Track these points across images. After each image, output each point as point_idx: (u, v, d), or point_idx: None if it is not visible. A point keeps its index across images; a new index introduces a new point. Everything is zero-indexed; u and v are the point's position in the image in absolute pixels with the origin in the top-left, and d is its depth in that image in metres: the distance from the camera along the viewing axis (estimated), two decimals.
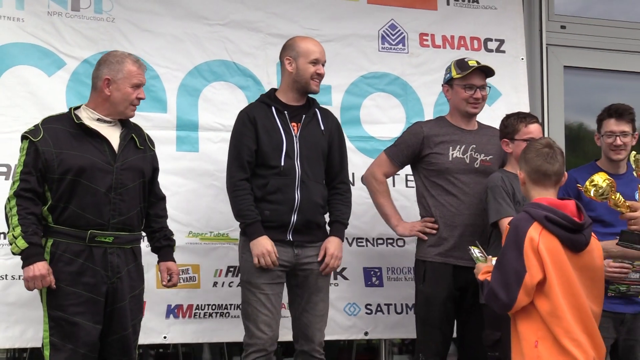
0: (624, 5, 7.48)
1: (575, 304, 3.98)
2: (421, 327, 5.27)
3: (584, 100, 5.33)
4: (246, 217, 4.95)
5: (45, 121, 4.62)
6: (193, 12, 5.80)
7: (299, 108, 5.15)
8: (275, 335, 4.98)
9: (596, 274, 4.12)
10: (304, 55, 5.10)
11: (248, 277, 4.99)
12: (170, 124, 5.65)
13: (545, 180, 4.12)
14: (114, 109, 4.67)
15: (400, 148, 5.37)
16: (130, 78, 4.65)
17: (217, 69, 5.82)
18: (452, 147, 5.27)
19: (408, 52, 6.24)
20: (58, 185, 4.51)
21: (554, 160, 4.14)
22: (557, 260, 3.96)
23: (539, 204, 4.05)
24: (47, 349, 4.48)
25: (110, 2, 5.63)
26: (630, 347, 5.23)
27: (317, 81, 5.14)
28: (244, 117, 5.09)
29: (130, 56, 4.76)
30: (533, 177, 4.13)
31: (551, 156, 4.14)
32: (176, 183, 5.57)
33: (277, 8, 5.98)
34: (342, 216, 5.17)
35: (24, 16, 5.43)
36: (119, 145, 4.65)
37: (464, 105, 5.31)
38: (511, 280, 3.93)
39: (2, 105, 5.31)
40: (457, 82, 5.30)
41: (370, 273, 5.92)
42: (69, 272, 4.47)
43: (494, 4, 6.49)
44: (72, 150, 4.53)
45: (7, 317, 5.11)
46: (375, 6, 6.20)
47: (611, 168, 5.21)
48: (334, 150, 5.22)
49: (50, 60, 5.45)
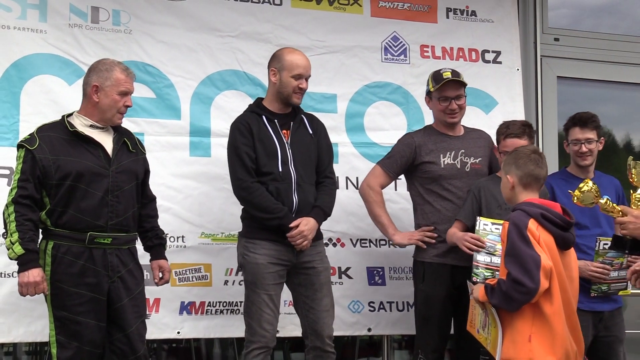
0: (612, 20, 7.55)
1: (566, 300, 4.11)
2: (420, 324, 5.35)
3: (576, 109, 5.46)
4: (275, 211, 4.99)
5: (40, 130, 4.65)
6: (206, 24, 5.90)
7: (287, 116, 5.21)
8: (275, 332, 5.06)
9: (574, 273, 4.25)
10: (288, 68, 5.13)
11: (253, 278, 5.04)
12: (184, 130, 5.74)
13: (535, 184, 4.30)
14: (103, 116, 4.69)
15: (394, 159, 5.44)
16: (117, 86, 4.67)
17: (228, 78, 5.91)
18: (443, 154, 5.37)
19: (409, 62, 6.34)
20: (57, 190, 4.55)
21: (543, 165, 4.34)
22: (554, 255, 4.10)
23: (533, 203, 4.19)
24: (54, 347, 4.54)
25: (127, 15, 5.73)
26: (610, 343, 5.31)
27: (299, 94, 5.17)
28: (239, 127, 5.12)
29: (119, 65, 4.76)
30: (525, 181, 4.29)
31: (540, 161, 4.33)
32: (189, 186, 5.68)
33: (285, 20, 6.07)
34: (323, 204, 5.16)
35: (46, 28, 5.54)
36: (112, 150, 4.68)
37: (442, 116, 5.42)
38: (530, 267, 3.99)
39: (26, 112, 5.41)
40: (434, 95, 5.41)
41: (373, 272, 6.01)
42: (72, 273, 4.52)
43: (491, 17, 6.59)
44: (68, 156, 4.57)
45: (30, 312, 5.20)
46: (379, 19, 6.30)
47: (580, 173, 5.31)
48: (321, 150, 5.28)
49: (71, 70, 5.54)
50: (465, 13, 6.55)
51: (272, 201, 5.01)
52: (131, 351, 4.68)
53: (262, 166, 5.07)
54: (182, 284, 5.60)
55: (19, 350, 6.92)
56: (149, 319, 5.04)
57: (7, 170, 5.32)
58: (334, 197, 5.30)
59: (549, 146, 6.71)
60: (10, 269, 5.20)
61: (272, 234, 5.04)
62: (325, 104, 5.95)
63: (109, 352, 4.67)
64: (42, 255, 4.59)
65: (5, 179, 5.31)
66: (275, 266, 5.06)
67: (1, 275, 5.25)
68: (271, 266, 5.04)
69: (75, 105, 4.90)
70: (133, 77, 4.81)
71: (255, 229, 5.10)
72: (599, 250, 5.11)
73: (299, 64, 5.15)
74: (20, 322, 5.26)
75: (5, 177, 5.32)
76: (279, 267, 5.07)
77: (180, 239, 5.64)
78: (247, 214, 5.18)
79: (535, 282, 3.98)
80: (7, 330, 5.25)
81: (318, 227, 5.14)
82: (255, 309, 5.03)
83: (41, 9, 5.55)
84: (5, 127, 5.38)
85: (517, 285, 4.02)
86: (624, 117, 5.50)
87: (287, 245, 5.05)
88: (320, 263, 5.18)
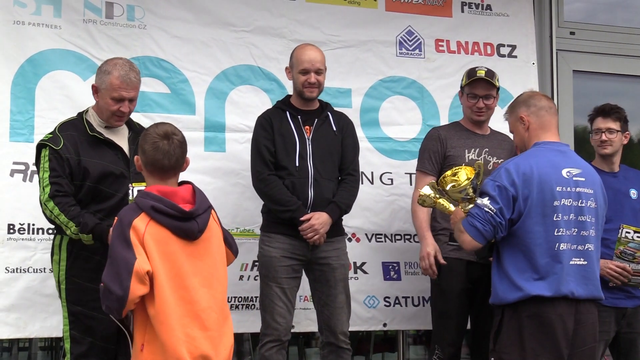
0: (626, 14, 7.54)
1: (188, 298, 3.80)
2: (437, 318, 5.35)
3: (592, 103, 5.44)
4: (288, 204, 5.04)
5: (61, 128, 4.67)
6: (220, 19, 5.89)
7: (312, 112, 5.26)
8: (289, 325, 5.08)
9: (216, 260, 3.96)
10: (295, 65, 5.21)
11: (266, 271, 5.10)
12: (198, 125, 5.74)
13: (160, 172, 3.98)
14: (102, 116, 4.71)
15: (426, 156, 5.42)
16: (110, 91, 4.63)
17: (242, 73, 5.91)
18: (468, 149, 5.38)
19: (424, 57, 6.33)
20: (78, 191, 4.57)
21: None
22: (169, 251, 3.80)
23: (148, 193, 3.88)
24: (68, 342, 4.56)
25: (142, 10, 5.73)
26: (632, 340, 5.31)
27: (310, 89, 5.19)
28: (262, 122, 5.23)
29: (121, 68, 4.67)
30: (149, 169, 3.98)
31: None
32: (204, 181, 5.54)
33: (299, 15, 6.07)
34: (340, 199, 5.18)
35: (61, 24, 5.54)
36: (129, 150, 4.71)
37: (469, 113, 5.45)
38: (122, 270, 3.70)
39: (41, 107, 5.42)
40: (465, 90, 5.44)
41: (389, 267, 6.01)
42: (88, 268, 4.53)
43: (506, 11, 6.57)
44: (90, 157, 4.59)
45: (46, 307, 5.24)
46: (393, 13, 6.28)
47: (605, 167, 5.31)
48: (346, 146, 5.31)
49: (86, 65, 5.54)
50: (480, 7, 6.53)
51: (287, 194, 5.06)
52: None
53: (281, 160, 5.14)
54: None
55: (34, 345, 6.97)
56: None
57: (22, 165, 5.34)
58: (355, 194, 5.31)
59: (565, 140, 6.43)
60: (26, 265, 5.25)
61: (288, 228, 5.08)
62: (340, 98, 5.95)
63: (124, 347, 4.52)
64: (57, 251, 4.61)
65: (21, 174, 5.33)
66: (288, 260, 5.10)
67: (17, 270, 5.27)
68: (285, 260, 5.09)
69: (90, 101, 4.91)
70: (134, 82, 4.70)
71: (272, 223, 5.16)
72: (621, 237, 5.08)
73: (304, 59, 5.19)
74: (36, 318, 5.28)
75: (21, 172, 5.34)
76: (293, 261, 5.10)
77: None
78: (265, 208, 5.25)
79: (124, 288, 3.68)
80: (23, 325, 5.28)
81: (332, 222, 5.14)
82: (268, 301, 5.08)
83: (56, 5, 5.56)
84: (21, 122, 5.40)
85: (108, 293, 3.75)
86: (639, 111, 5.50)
87: (302, 240, 5.08)
88: (336, 260, 5.20)
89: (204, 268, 3.89)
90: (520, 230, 4.28)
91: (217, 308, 3.90)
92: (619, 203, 5.16)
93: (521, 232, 4.28)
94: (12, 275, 5.25)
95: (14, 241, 5.26)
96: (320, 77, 5.23)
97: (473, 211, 4.31)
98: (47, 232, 5.25)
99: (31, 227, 5.29)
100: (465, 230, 4.31)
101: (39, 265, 5.28)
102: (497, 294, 4.36)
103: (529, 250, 4.26)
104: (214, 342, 3.84)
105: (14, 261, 5.25)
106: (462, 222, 4.34)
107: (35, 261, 5.28)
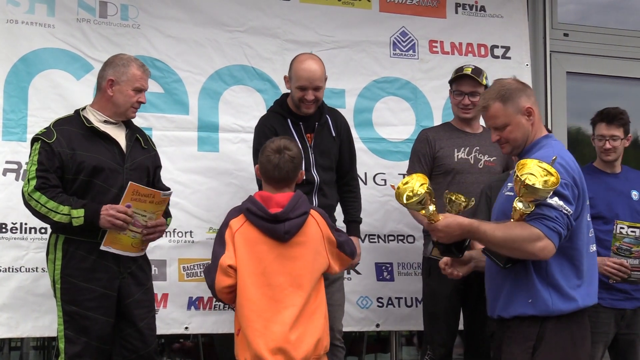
0: (620, 15, 7.54)
1: (271, 295, 4.15)
2: (428, 319, 5.36)
3: (586, 104, 5.45)
4: None
5: (57, 123, 4.65)
6: (214, 19, 5.89)
7: (311, 117, 5.19)
8: None
9: (309, 263, 4.25)
10: (293, 79, 5.11)
11: None
12: (192, 125, 5.74)
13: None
14: (116, 110, 4.70)
15: (416, 159, 5.42)
16: (133, 82, 4.68)
17: (236, 73, 5.90)
18: (457, 149, 5.37)
19: (418, 58, 6.33)
20: (71, 185, 4.55)
21: None
22: (258, 249, 4.18)
23: (251, 197, 4.32)
24: (62, 342, 4.53)
25: (135, 10, 5.73)
26: (631, 342, 5.29)
27: (306, 105, 5.09)
28: (264, 129, 5.12)
29: (136, 61, 4.78)
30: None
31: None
32: (197, 181, 5.69)
33: (293, 15, 6.06)
34: (356, 215, 5.32)
35: (54, 23, 5.53)
36: (126, 146, 4.70)
37: (456, 110, 5.45)
38: (212, 265, 4.24)
39: (34, 107, 5.42)
40: (452, 87, 5.45)
41: (382, 268, 6.01)
42: (83, 268, 4.52)
43: (500, 12, 6.57)
44: (85, 151, 4.57)
45: (38, 307, 5.24)
46: (387, 14, 6.28)
47: (607, 168, 5.30)
48: (344, 150, 5.33)
49: (79, 65, 5.55)
50: (474, 8, 6.54)
51: None
52: (143, 345, 4.68)
53: None
54: (190, 279, 5.61)
55: (26, 345, 6.95)
56: (157, 314, 5.02)
57: (14, 165, 5.34)
58: (360, 200, 5.43)
59: None
60: (18, 264, 5.25)
61: None
62: (334, 99, 5.95)
63: (120, 348, 4.66)
64: (52, 250, 4.59)
65: (14, 173, 5.33)
66: None
67: (9, 270, 5.26)
68: None
69: (83, 100, 4.90)
70: (149, 74, 4.83)
71: None
72: (616, 234, 5.04)
73: (302, 76, 5.07)
74: (28, 317, 5.28)
75: (13, 171, 5.34)
76: None
77: (188, 234, 5.64)
78: None
79: (211, 279, 4.22)
80: (15, 325, 5.27)
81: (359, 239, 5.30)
82: None
83: (49, 4, 5.55)
84: (14, 121, 5.39)
85: (207, 280, 4.29)
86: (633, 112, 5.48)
87: None
88: None
89: (294, 269, 4.19)
90: (573, 232, 3.81)
91: (302, 306, 4.16)
92: (620, 204, 5.17)
93: (573, 234, 3.81)
94: (4, 274, 5.24)
95: (6, 240, 5.25)
96: (319, 93, 5.13)
97: (550, 214, 3.68)
98: (40, 232, 5.25)
99: (23, 226, 5.28)
100: (547, 236, 3.67)
101: (31, 265, 5.28)
102: (539, 305, 3.83)
103: (578, 254, 3.86)
104: (294, 338, 4.12)
105: (6, 260, 5.25)
106: (540, 227, 3.68)
107: (28, 260, 5.27)
